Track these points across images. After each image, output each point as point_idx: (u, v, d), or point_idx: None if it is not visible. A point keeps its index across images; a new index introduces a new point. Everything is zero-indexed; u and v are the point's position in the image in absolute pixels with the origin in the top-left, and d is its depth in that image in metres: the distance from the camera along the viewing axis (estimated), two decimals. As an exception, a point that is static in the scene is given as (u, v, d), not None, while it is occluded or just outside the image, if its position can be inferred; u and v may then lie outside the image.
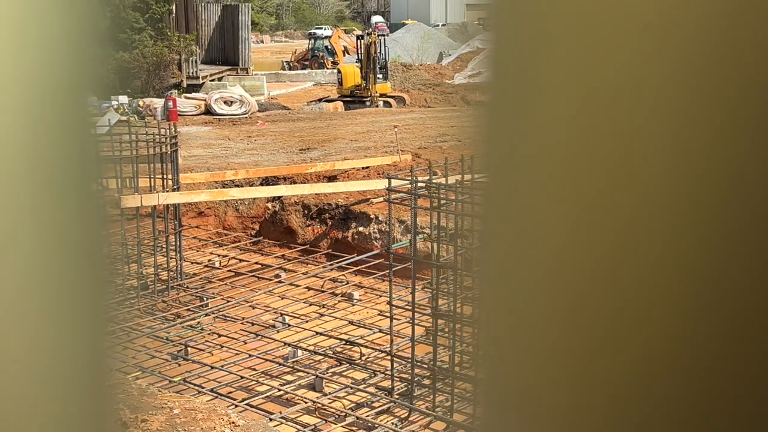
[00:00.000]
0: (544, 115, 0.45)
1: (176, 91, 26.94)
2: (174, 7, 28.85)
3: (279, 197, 12.48)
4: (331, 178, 13.02)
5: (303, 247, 12.09)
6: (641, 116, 0.43)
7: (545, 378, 0.47)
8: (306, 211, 12.39)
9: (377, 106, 25.39)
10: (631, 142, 0.44)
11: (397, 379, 7.76)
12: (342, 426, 7.14)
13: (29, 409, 0.56)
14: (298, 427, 7.09)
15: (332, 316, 9.66)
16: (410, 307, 7.41)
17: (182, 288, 10.56)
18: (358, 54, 27.50)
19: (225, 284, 10.84)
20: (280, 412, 7.24)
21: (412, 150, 14.50)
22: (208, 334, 9.15)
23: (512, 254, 0.47)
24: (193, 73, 29.53)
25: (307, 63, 42.49)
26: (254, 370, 8.26)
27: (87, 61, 0.57)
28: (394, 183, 7.60)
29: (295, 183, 12.76)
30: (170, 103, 22.40)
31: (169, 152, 10.52)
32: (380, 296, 10.05)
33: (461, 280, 6.95)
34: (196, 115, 23.41)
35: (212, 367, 8.17)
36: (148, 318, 9.56)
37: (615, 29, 0.43)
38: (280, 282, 10.86)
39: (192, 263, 11.57)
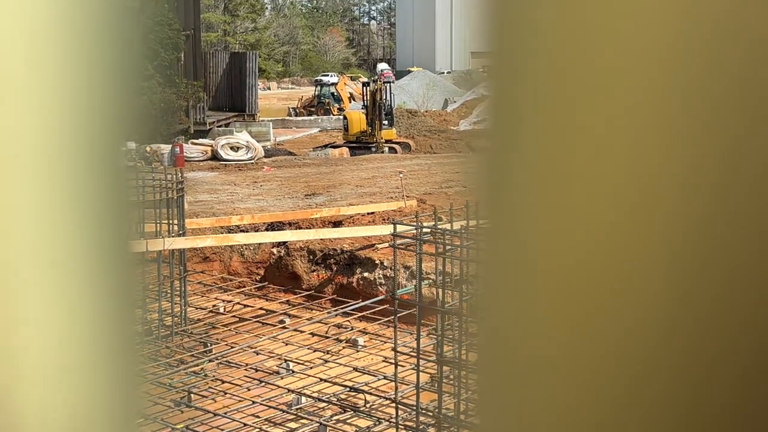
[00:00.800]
0: (543, 162, 0.46)
1: (183, 137, 27.16)
2: (183, 55, 29.24)
3: (284, 242, 12.48)
4: (337, 224, 13.04)
5: (308, 293, 12.05)
6: (637, 161, 0.44)
7: (546, 425, 0.46)
8: (311, 257, 12.37)
9: (383, 152, 25.53)
10: (629, 187, 0.44)
11: (402, 426, 7.66)
12: (346, 475, 7.04)
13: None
14: (302, 475, 6.99)
15: (336, 363, 9.59)
16: (415, 354, 7.36)
17: (186, 333, 10.51)
18: (363, 100, 27.75)
19: (229, 330, 10.79)
20: (284, 461, 7.15)
21: (417, 196, 14.53)
22: (212, 380, 9.08)
23: (511, 298, 0.47)
24: (200, 119, 29.82)
25: (313, 109, 42.89)
26: (258, 417, 8.18)
27: (123, 106, 0.58)
28: (400, 228, 7.60)
29: (300, 228, 12.77)
30: (177, 149, 22.57)
31: (175, 197, 10.56)
32: (385, 342, 9.98)
33: (467, 327, 6.91)
34: (202, 160, 23.57)
35: (215, 414, 8.09)
36: (151, 364, 9.50)
37: (611, 76, 0.44)
38: (284, 328, 10.81)
39: (196, 308, 11.53)
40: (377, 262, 11.66)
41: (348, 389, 8.72)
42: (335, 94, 42.91)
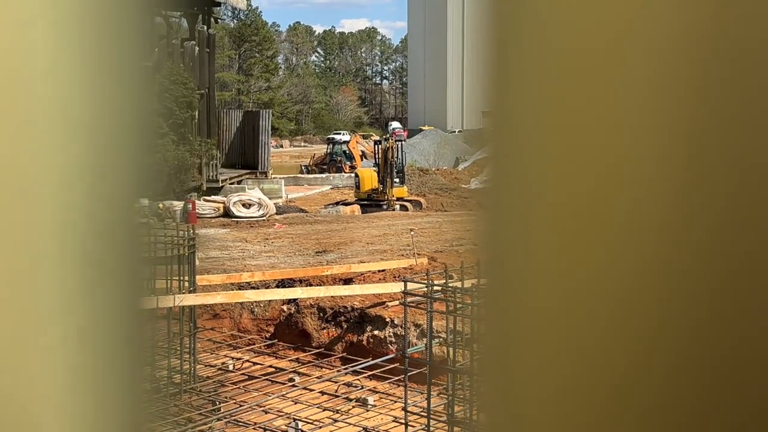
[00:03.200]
0: (541, 218, 0.47)
1: (196, 194, 27.36)
2: (197, 113, 29.63)
3: (294, 300, 12.45)
4: (347, 281, 13.01)
5: (317, 351, 11.97)
6: (630, 223, 0.44)
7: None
8: (321, 314, 12.32)
9: (394, 210, 25.61)
10: (622, 248, 0.44)
11: (412, 489, 7.53)
12: None
13: None
14: None
15: (346, 422, 9.47)
16: (426, 414, 7.27)
17: (195, 391, 10.43)
18: (375, 158, 27.97)
19: (238, 388, 10.70)
20: None
21: (428, 253, 14.51)
22: (220, 439, 8.97)
23: (512, 357, 0.47)
24: (213, 176, 30.08)
25: (325, 167, 43.24)
26: (265, 477, 8.05)
27: (140, 166, 0.59)
28: (410, 286, 7.58)
29: (310, 285, 12.75)
30: (189, 206, 22.70)
31: (186, 254, 10.59)
32: (395, 402, 9.86)
33: (478, 386, 6.83)
34: (214, 217, 23.70)
35: (222, 474, 7.97)
36: (159, 423, 9.41)
37: (602, 134, 0.45)
38: (293, 386, 10.71)
39: (206, 366, 11.46)
40: (387, 320, 11.59)
41: (357, 450, 8.59)
42: (347, 152, 43.29)
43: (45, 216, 0.54)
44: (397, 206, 26.03)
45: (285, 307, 12.74)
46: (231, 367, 11.51)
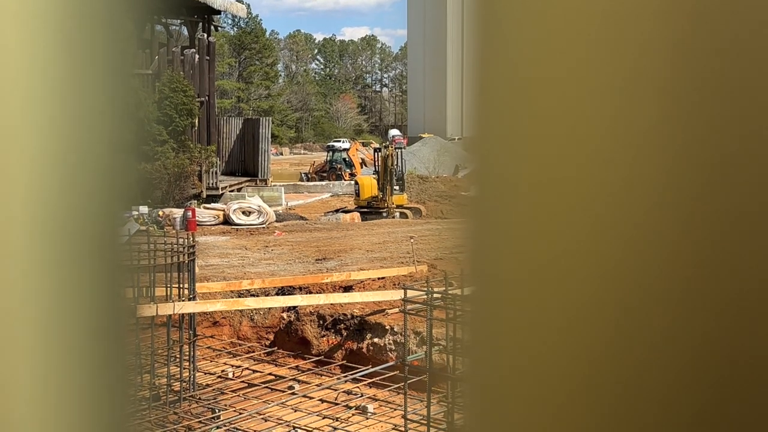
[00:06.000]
0: (523, 228, 0.47)
1: (196, 201, 27.36)
2: (197, 120, 29.66)
3: (294, 307, 12.44)
4: (347, 289, 13.00)
5: (317, 358, 11.95)
6: (610, 230, 0.44)
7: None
8: (321, 322, 12.31)
9: (393, 217, 25.61)
10: (603, 255, 0.44)
11: (412, 497, 7.50)
12: None
13: None
14: None
15: (346, 430, 9.45)
16: (426, 422, 7.25)
17: (194, 399, 10.41)
18: (375, 166, 27.98)
19: (238, 396, 10.68)
20: None
21: (428, 261, 14.51)
22: (219, 447, 8.95)
23: (497, 364, 0.47)
24: (212, 183, 30.09)
25: (325, 174, 43.27)
26: (265, 485, 8.03)
27: (114, 173, 0.59)
28: (410, 294, 7.57)
29: (310, 293, 12.73)
30: (189, 213, 22.70)
31: (186, 261, 10.58)
32: (395, 410, 9.84)
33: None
34: (214, 225, 23.69)
35: (222, 482, 7.95)
36: (158, 430, 9.39)
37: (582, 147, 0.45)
38: (293, 394, 10.69)
39: (205, 374, 11.44)
40: (387, 327, 11.58)
41: (357, 458, 8.56)
42: (347, 159, 43.34)
43: (17, 218, 0.54)
44: (397, 214, 26.03)
45: (285, 315, 12.73)
46: (230, 375, 11.49)
